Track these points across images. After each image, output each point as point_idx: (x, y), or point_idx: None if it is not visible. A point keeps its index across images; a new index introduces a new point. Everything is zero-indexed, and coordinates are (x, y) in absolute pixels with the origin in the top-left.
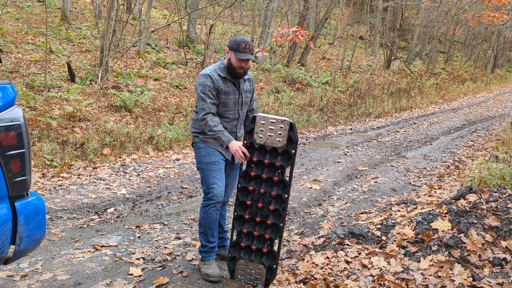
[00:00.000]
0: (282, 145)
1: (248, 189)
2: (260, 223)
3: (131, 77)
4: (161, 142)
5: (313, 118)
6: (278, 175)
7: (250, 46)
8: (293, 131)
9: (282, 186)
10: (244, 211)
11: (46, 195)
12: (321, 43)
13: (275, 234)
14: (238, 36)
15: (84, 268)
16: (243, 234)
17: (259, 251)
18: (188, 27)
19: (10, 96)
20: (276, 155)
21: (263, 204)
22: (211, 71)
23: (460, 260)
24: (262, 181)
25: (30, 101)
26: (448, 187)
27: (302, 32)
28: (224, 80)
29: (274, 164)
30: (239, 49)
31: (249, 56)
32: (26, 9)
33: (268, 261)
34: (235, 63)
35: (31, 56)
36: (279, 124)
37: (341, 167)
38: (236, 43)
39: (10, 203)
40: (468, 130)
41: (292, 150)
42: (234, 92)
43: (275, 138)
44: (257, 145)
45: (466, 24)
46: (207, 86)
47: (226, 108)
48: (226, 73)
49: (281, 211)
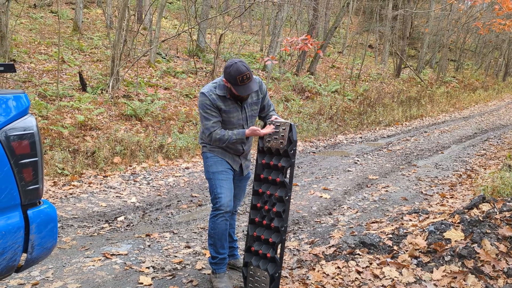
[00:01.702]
0: (284, 146)
1: (258, 191)
2: (266, 227)
3: (142, 86)
4: (171, 150)
5: (323, 126)
6: (280, 176)
7: (247, 75)
8: (291, 132)
9: (283, 188)
10: (255, 214)
11: (57, 203)
12: (330, 51)
13: (277, 238)
14: (231, 66)
15: (94, 276)
16: (254, 238)
17: (265, 257)
18: (198, 37)
19: (24, 105)
20: (279, 157)
21: (269, 207)
22: (208, 90)
23: (473, 271)
24: (269, 183)
25: (43, 110)
26: (461, 197)
27: (311, 41)
28: (223, 99)
29: (277, 166)
30: (237, 84)
31: (249, 88)
32: (39, 20)
33: (272, 268)
34: (236, 93)
35: (43, 66)
36: (282, 127)
37: (351, 176)
38: (232, 77)
39: (22, 211)
40: (480, 138)
41: (291, 150)
42: (236, 109)
43: (279, 140)
44: (266, 148)
45: (477, 32)
46: (206, 106)
47: (230, 125)
48: (225, 91)
49: (281, 213)
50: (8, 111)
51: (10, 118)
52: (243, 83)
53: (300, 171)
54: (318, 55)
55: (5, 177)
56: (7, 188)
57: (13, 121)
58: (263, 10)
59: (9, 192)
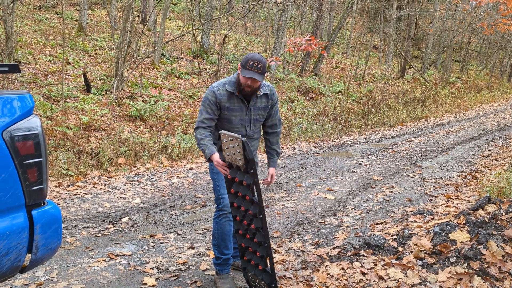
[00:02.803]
0: (242, 164)
1: (234, 205)
2: (252, 239)
3: (146, 87)
4: (175, 151)
5: (327, 127)
6: (249, 194)
7: (258, 64)
8: (245, 150)
9: (256, 205)
10: (238, 225)
11: (62, 204)
12: (334, 52)
13: (264, 252)
14: (252, 53)
15: (98, 277)
16: (243, 248)
17: (257, 267)
18: (202, 38)
19: (29, 105)
20: (243, 174)
21: (248, 222)
22: (219, 84)
23: (479, 272)
24: (242, 199)
25: (47, 111)
26: (466, 198)
27: (315, 42)
28: (230, 96)
29: (242, 183)
30: (246, 67)
31: (253, 74)
32: (44, 22)
33: (267, 279)
34: (241, 80)
35: (48, 67)
36: (235, 142)
37: (356, 177)
38: (245, 59)
39: (27, 212)
40: (485, 139)
41: (250, 170)
42: (240, 109)
43: (236, 157)
44: (227, 163)
45: (482, 33)
46: (207, 100)
47: (231, 124)
48: (235, 88)
49: (260, 230)
50: (13, 111)
51: (15, 119)
52: (251, 68)
53: (304, 172)
54: (322, 56)
55: (9, 178)
56: (12, 188)
57: (17, 121)
58: (267, 11)
59: (13, 193)
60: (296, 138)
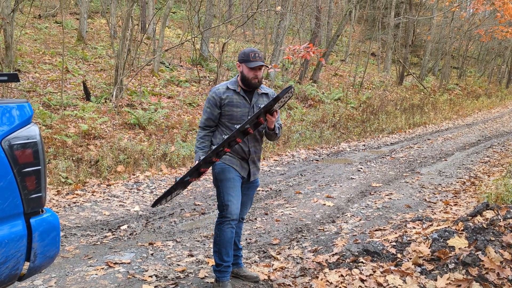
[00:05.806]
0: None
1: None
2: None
3: (145, 95)
4: (174, 159)
5: (326, 134)
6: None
7: (259, 54)
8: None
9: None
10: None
11: (60, 212)
12: (333, 60)
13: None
14: (245, 48)
15: (97, 285)
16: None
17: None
18: (201, 46)
19: (27, 114)
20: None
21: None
22: (218, 85)
23: (478, 279)
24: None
25: (47, 119)
26: (464, 204)
27: (314, 49)
28: (232, 93)
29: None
30: (249, 59)
31: (260, 63)
32: (44, 30)
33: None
34: (248, 73)
35: (48, 75)
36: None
37: (355, 184)
38: (245, 54)
39: (25, 220)
40: (484, 145)
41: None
42: (243, 105)
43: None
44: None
45: (479, 40)
46: (209, 101)
47: (232, 120)
48: (236, 86)
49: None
50: (12, 120)
51: (14, 127)
52: (254, 59)
53: (304, 179)
54: (320, 63)
55: (8, 186)
56: (10, 196)
57: (16, 130)
58: (265, 19)
59: (12, 201)
60: (295, 145)
